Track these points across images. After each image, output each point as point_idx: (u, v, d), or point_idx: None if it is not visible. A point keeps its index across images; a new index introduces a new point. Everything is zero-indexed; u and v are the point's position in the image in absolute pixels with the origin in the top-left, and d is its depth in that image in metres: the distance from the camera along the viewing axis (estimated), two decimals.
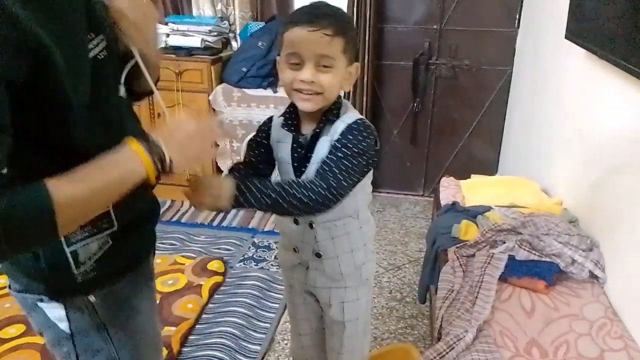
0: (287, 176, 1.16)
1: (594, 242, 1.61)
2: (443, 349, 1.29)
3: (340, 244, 1.19)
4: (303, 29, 1.01)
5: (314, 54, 1.02)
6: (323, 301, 1.28)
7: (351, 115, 1.11)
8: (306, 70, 1.03)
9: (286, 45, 1.05)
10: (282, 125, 1.14)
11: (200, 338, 1.99)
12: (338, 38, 1.02)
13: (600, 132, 1.69)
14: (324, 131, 1.10)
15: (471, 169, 2.67)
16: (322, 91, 1.04)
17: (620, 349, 1.29)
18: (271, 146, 1.19)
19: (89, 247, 0.83)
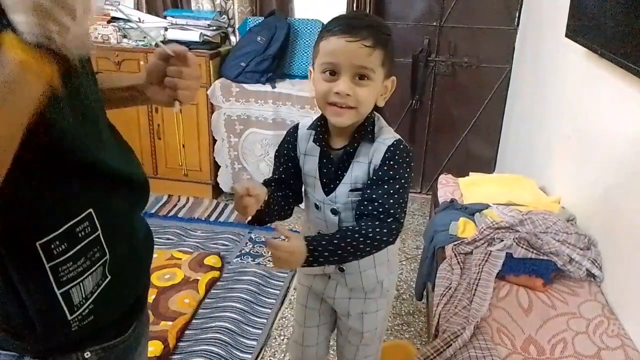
0: (314, 191, 1.13)
1: (592, 240, 1.61)
2: (440, 346, 1.29)
3: (365, 260, 1.12)
4: (341, 38, 0.96)
5: (351, 65, 0.97)
6: (341, 311, 1.27)
7: (389, 136, 1.08)
8: (342, 82, 0.98)
9: (322, 55, 1.00)
10: (314, 140, 1.10)
11: (196, 333, 1.99)
12: (378, 50, 0.98)
13: (599, 131, 1.69)
14: (358, 151, 1.07)
15: (469, 166, 2.67)
16: (357, 105, 1.00)
17: (617, 347, 1.29)
18: (298, 157, 1.15)
19: (83, 286, 0.69)
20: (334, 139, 1.10)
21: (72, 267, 0.67)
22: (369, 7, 2.84)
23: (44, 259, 0.64)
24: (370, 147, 1.07)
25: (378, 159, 1.06)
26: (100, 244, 0.70)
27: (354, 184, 1.08)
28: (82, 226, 0.67)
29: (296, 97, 2.75)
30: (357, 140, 1.07)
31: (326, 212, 1.12)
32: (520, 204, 1.90)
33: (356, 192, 1.09)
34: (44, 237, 0.63)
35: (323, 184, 1.11)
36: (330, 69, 0.99)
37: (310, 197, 1.16)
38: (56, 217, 0.65)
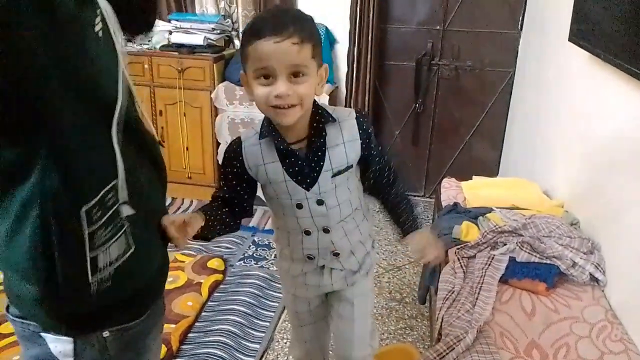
0: (288, 194, 1.12)
1: (595, 244, 1.60)
2: (443, 350, 1.29)
3: (353, 238, 1.21)
4: (268, 41, 0.94)
5: (285, 65, 0.96)
6: (342, 290, 1.29)
7: (344, 111, 1.13)
8: (281, 85, 0.97)
9: (252, 60, 0.98)
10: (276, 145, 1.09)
11: (199, 336, 1.99)
12: (306, 44, 0.97)
13: (602, 135, 1.69)
14: (323, 137, 1.08)
15: (473, 170, 2.67)
16: (300, 102, 1.00)
17: (620, 352, 1.29)
18: (248, 173, 1.12)
19: (109, 251, 0.75)
20: (289, 137, 1.09)
21: (103, 233, 0.73)
22: (372, 10, 2.85)
23: (86, 224, 0.70)
24: (334, 128, 1.10)
25: (354, 133, 1.11)
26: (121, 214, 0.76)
27: (335, 169, 1.10)
28: (110, 195, 0.72)
29: None
30: (321, 128, 1.08)
31: (311, 207, 1.13)
32: (523, 208, 1.89)
33: (339, 175, 1.11)
34: (89, 203, 0.69)
35: (298, 182, 1.10)
36: (264, 73, 0.98)
37: (284, 202, 1.14)
38: (97, 183, 0.71)
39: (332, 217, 1.15)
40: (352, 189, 1.18)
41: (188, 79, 2.86)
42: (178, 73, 2.83)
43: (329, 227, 1.16)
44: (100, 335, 0.80)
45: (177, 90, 2.86)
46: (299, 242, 1.19)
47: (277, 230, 1.25)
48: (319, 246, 1.19)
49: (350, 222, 1.19)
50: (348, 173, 1.14)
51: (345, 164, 1.11)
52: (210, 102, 2.89)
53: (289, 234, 1.20)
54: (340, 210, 1.16)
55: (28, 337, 0.80)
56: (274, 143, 1.08)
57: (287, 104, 0.99)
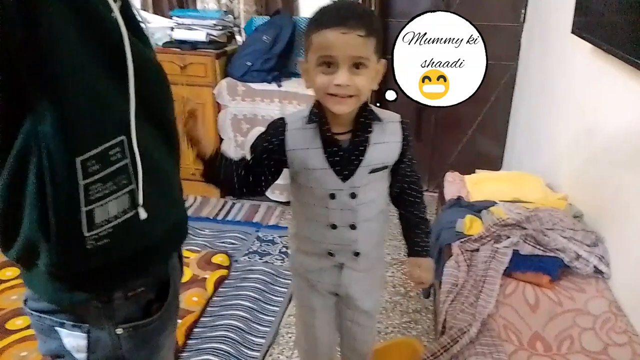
0: (323, 182, 1.13)
1: (599, 237, 1.61)
2: (447, 343, 1.30)
3: (373, 239, 1.23)
4: (335, 31, 0.98)
5: (348, 56, 1.00)
6: (356, 296, 1.29)
7: (389, 114, 1.15)
8: (342, 74, 1.00)
9: (317, 49, 1.01)
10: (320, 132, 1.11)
11: (205, 331, 2.00)
12: (371, 38, 1.01)
13: (605, 127, 1.68)
14: (368, 133, 1.11)
15: (476, 164, 2.66)
16: (357, 93, 1.04)
17: (624, 344, 1.29)
18: (285, 156, 1.14)
19: (107, 208, 0.71)
20: (335, 127, 1.12)
21: (101, 188, 0.70)
22: (374, 4, 2.84)
23: (81, 175, 0.67)
24: (379, 127, 1.12)
25: (397, 136, 1.14)
26: (127, 173, 0.73)
27: (373, 165, 1.13)
28: (114, 150, 0.70)
29: (302, 96, 2.76)
30: (368, 124, 1.11)
31: (343, 199, 1.14)
32: (527, 201, 1.90)
33: (375, 172, 1.14)
34: (85, 154, 0.66)
35: (336, 172, 1.12)
36: (327, 61, 1.01)
37: (316, 191, 1.15)
38: (97, 135, 0.68)
39: (360, 213, 1.16)
40: (381, 191, 1.21)
41: (190, 75, 2.86)
42: (180, 69, 2.84)
43: (356, 224, 1.17)
44: (113, 331, 0.80)
45: (180, 86, 2.87)
46: (323, 236, 1.20)
47: (300, 222, 1.25)
48: (342, 242, 1.20)
49: (374, 222, 1.21)
50: (382, 173, 1.17)
51: (382, 163, 1.14)
52: (212, 98, 2.90)
53: (314, 227, 1.21)
54: (369, 207, 1.18)
55: (44, 331, 0.80)
56: (319, 130, 1.11)
57: (345, 94, 1.02)
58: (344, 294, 1.29)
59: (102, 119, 0.69)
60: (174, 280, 0.92)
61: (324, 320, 1.36)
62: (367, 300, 1.31)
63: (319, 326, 1.37)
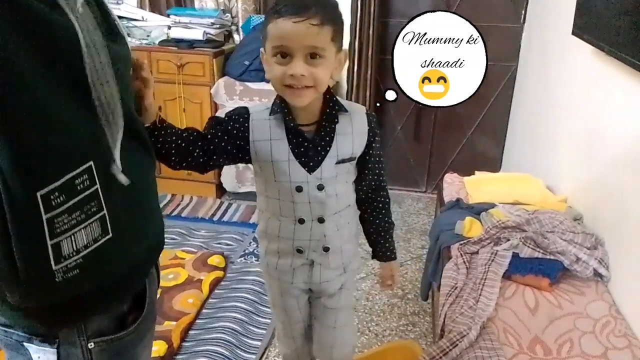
0: (289, 175, 1.10)
1: (599, 240, 1.59)
2: (446, 346, 1.28)
3: (344, 234, 1.21)
4: (288, 20, 0.95)
5: (302, 46, 0.97)
6: (327, 293, 1.27)
7: (355, 105, 1.14)
8: (296, 64, 0.98)
9: (271, 38, 0.99)
10: (283, 122, 1.08)
11: (200, 333, 1.98)
12: (327, 26, 0.98)
13: (606, 129, 1.67)
14: (334, 123, 1.09)
15: (475, 165, 2.65)
16: (314, 84, 1.01)
17: (624, 347, 1.28)
18: (249, 145, 1.10)
19: (74, 238, 0.67)
20: (299, 118, 1.09)
21: (67, 220, 0.65)
22: (373, 4, 2.83)
23: (43, 209, 0.63)
24: (345, 117, 1.11)
25: (363, 127, 1.13)
26: (97, 199, 0.68)
27: (340, 156, 1.11)
28: (80, 179, 0.65)
29: None
30: (334, 115, 1.09)
31: (311, 192, 1.11)
32: (526, 204, 1.88)
33: (342, 163, 1.12)
34: (45, 187, 0.62)
35: (302, 163, 1.10)
36: (281, 52, 0.99)
37: (282, 184, 1.12)
38: (58, 167, 0.63)
39: (328, 206, 1.14)
40: (349, 183, 1.20)
41: (187, 74, 2.84)
42: (177, 68, 2.82)
43: (324, 217, 1.15)
44: (85, 346, 0.75)
45: (177, 85, 2.85)
46: (291, 231, 1.17)
47: (267, 220, 1.21)
48: (310, 238, 1.17)
49: (343, 216, 1.19)
50: (349, 165, 1.15)
51: (350, 154, 1.13)
52: (210, 97, 2.88)
53: (281, 223, 1.17)
54: (337, 200, 1.16)
55: (11, 346, 0.76)
56: (283, 121, 1.08)
57: (301, 85, 1.00)
58: (317, 290, 1.28)
59: (63, 146, 0.63)
60: (151, 290, 0.87)
61: (298, 319, 1.35)
62: (342, 296, 1.29)
63: (296, 327, 1.36)
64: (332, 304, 1.29)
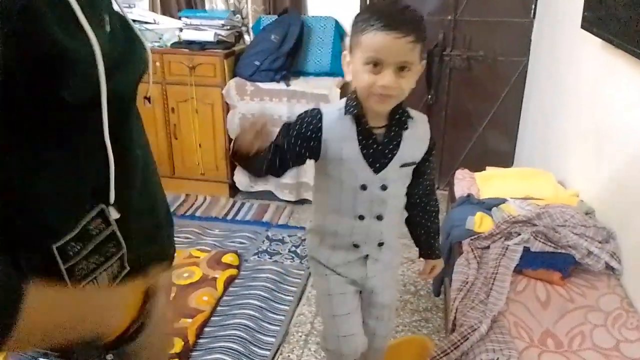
0: (356, 174, 1.16)
1: (611, 233, 1.59)
2: (457, 340, 1.29)
3: (395, 230, 1.28)
4: (388, 35, 1.01)
5: (396, 60, 1.03)
6: (377, 290, 1.33)
7: (419, 113, 1.21)
8: (388, 76, 1.03)
9: (366, 48, 1.04)
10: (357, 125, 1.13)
11: (215, 330, 2.01)
12: (419, 44, 1.04)
13: (616, 123, 1.67)
14: (403, 129, 1.15)
15: (487, 161, 2.64)
16: (400, 94, 1.08)
17: (636, 340, 1.28)
18: (320, 144, 1.14)
19: (96, 281, 0.67)
20: (371, 120, 1.14)
21: (85, 265, 0.65)
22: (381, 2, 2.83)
23: (61, 261, 0.62)
24: (412, 124, 1.17)
25: (426, 134, 1.20)
26: (115, 239, 0.67)
27: (404, 160, 1.17)
28: (94, 224, 0.64)
29: (311, 95, 2.76)
30: (403, 120, 1.15)
31: (374, 191, 1.18)
32: (538, 198, 1.88)
33: (405, 167, 1.18)
34: (61, 239, 0.61)
35: (369, 164, 1.15)
36: (375, 62, 1.04)
37: (347, 182, 1.17)
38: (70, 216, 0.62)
39: (388, 205, 1.20)
40: (405, 186, 1.25)
41: (199, 76, 2.88)
42: (189, 70, 2.85)
43: (383, 215, 1.21)
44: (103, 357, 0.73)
45: (189, 87, 2.88)
46: (350, 228, 1.22)
47: (325, 216, 1.26)
48: (368, 233, 1.23)
49: (397, 216, 1.27)
50: (409, 169, 1.21)
51: (412, 159, 1.19)
52: (221, 98, 2.91)
53: (340, 219, 1.23)
54: (396, 200, 1.23)
55: None
56: (356, 122, 1.13)
57: (389, 94, 1.06)
58: (368, 287, 1.33)
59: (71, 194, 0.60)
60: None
61: (354, 308, 1.36)
62: (387, 293, 1.36)
63: (352, 316, 1.35)
64: (386, 300, 1.37)
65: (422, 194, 1.30)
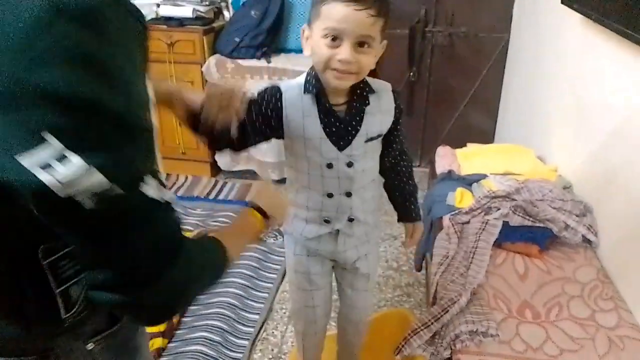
0: (320, 151, 1.13)
1: (588, 207, 1.62)
2: (438, 312, 1.31)
3: (368, 206, 1.26)
4: (348, 6, 0.96)
5: (356, 33, 0.99)
6: (351, 261, 1.33)
7: (380, 82, 1.16)
8: (346, 50, 1.00)
9: (324, 19, 0.99)
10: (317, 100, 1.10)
11: (199, 309, 2.01)
12: (380, 18, 1.00)
13: (595, 98, 1.68)
14: (365, 104, 1.12)
15: (468, 138, 2.65)
16: (359, 71, 1.04)
17: (611, 310, 1.31)
18: (282, 122, 1.13)
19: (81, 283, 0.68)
20: (331, 97, 1.12)
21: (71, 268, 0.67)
22: None
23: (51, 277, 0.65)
24: (374, 97, 1.14)
25: (390, 105, 1.17)
26: None
27: (369, 135, 1.15)
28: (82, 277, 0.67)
29: (292, 72, 2.73)
30: (365, 96, 1.12)
31: (340, 168, 1.16)
32: (517, 174, 1.90)
33: (370, 141, 1.16)
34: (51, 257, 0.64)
35: (333, 141, 1.13)
36: (333, 35, 1.00)
37: (313, 161, 1.16)
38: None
39: (356, 181, 1.19)
40: (376, 159, 1.24)
41: (178, 53, 2.82)
42: (167, 47, 2.79)
43: (351, 191, 1.20)
44: (83, 348, 0.75)
45: (168, 64, 2.83)
46: (319, 203, 1.22)
47: (295, 191, 1.25)
48: (337, 210, 1.22)
49: (368, 190, 1.24)
50: (377, 142, 1.19)
51: (378, 132, 1.17)
52: (201, 75, 2.86)
53: (309, 195, 1.22)
54: (364, 175, 1.20)
55: None
56: (316, 99, 1.11)
57: (347, 70, 1.02)
58: (342, 260, 1.33)
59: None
60: None
61: (320, 285, 1.38)
62: (364, 263, 1.35)
63: (318, 294, 1.39)
64: (363, 270, 1.36)
65: (393, 158, 1.29)
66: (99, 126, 0.52)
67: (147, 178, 0.57)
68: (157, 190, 0.58)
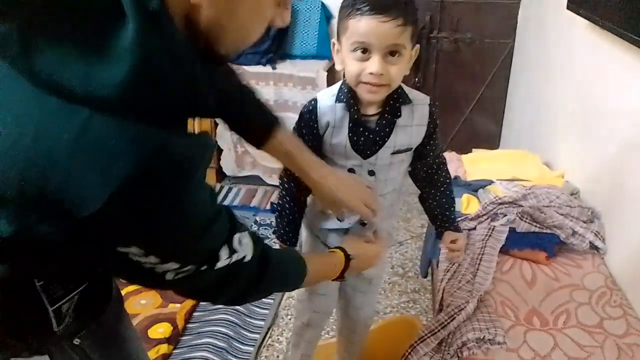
0: (345, 158, 1.14)
1: (595, 213, 1.61)
2: (445, 319, 1.31)
3: (382, 213, 1.23)
4: (373, 19, 0.96)
5: (385, 45, 0.98)
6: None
7: (420, 95, 1.14)
8: (375, 63, 0.99)
9: (352, 34, 0.99)
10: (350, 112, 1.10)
11: (204, 315, 2.01)
12: (408, 27, 0.99)
13: (601, 104, 1.68)
14: (396, 117, 1.10)
15: (474, 143, 2.65)
16: (390, 83, 1.03)
17: (619, 317, 1.30)
18: (320, 134, 1.14)
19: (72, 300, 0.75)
20: (364, 108, 1.11)
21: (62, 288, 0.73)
22: None
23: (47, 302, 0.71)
24: (408, 109, 1.12)
25: (424, 119, 1.14)
26: None
27: (397, 147, 1.13)
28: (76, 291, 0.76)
29: (298, 78, 2.74)
30: (397, 107, 1.10)
31: (362, 174, 1.16)
32: (524, 180, 1.89)
33: (398, 154, 1.14)
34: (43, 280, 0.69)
35: (357, 151, 1.13)
36: (362, 48, 1.00)
37: (339, 163, 1.17)
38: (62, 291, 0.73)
39: (376, 190, 1.17)
40: (400, 171, 1.22)
41: None
42: None
43: None
44: (72, 345, 0.80)
45: None
46: None
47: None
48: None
49: (387, 199, 1.23)
50: (405, 155, 1.17)
51: (407, 145, 1.15)
52: None
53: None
54: (385, 185, 1.19)
55: None
56: (348, 111, 1.10)
57: (378, 83, 1.01)
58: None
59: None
60: None
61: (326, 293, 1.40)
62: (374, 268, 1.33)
63: (320, 299, 1.41)
64: (362, 273, 1.34)
65: (429, 168, 1.25)
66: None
67: (221, 252, 0.69)
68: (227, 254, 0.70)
